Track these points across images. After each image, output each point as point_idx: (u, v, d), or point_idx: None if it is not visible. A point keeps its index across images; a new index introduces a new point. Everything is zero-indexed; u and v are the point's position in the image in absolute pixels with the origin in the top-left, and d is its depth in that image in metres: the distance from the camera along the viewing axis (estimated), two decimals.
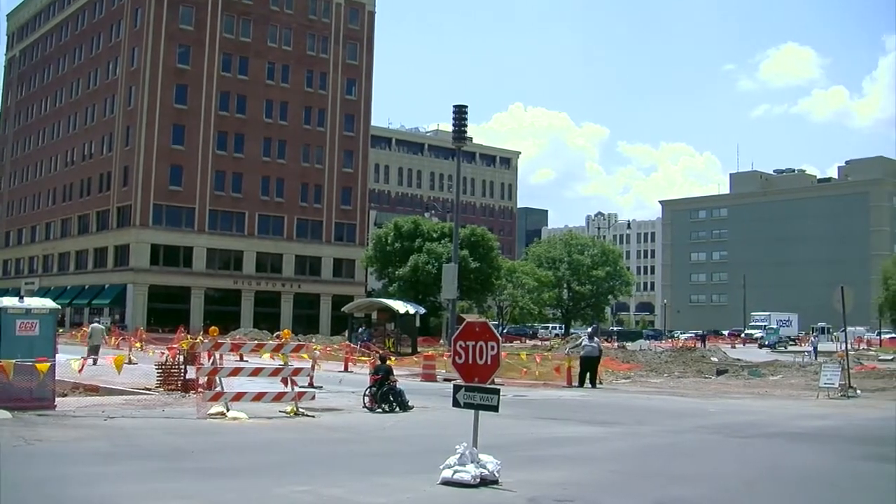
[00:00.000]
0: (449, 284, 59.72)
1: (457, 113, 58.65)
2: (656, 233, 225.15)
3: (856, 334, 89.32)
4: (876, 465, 16.67)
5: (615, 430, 22.14)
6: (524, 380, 39.77)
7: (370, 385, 25.01)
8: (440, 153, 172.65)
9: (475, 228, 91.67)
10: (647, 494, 13.25)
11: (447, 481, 13.07)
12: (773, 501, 13.09)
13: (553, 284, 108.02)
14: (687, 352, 59.94)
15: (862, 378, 41.98)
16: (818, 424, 24.14)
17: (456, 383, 14.51)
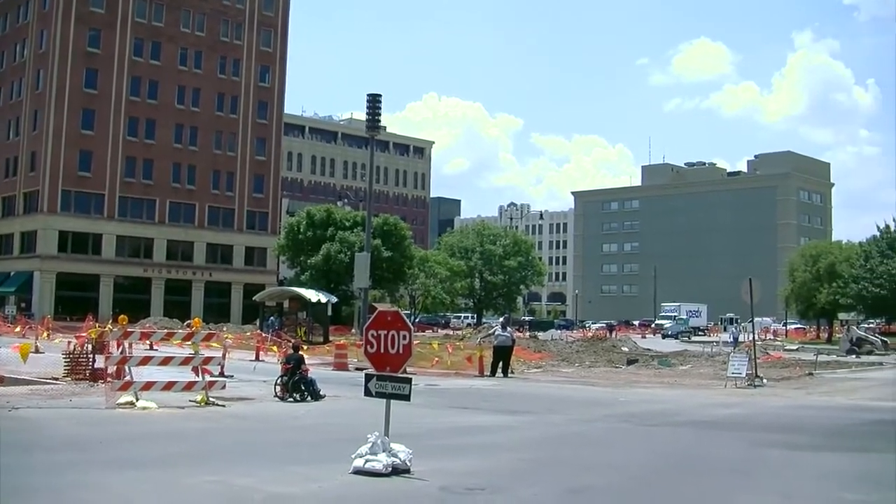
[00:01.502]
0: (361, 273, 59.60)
1: (371, 102, 58.49)
2: (568, 224, 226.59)
3: (763, 325, 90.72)
4: (782, 453, 16.95)
5: (526, 419, 22.27)
6: (436, 369, 39.83)
7: (282, 374, 24.86)
8: (354, 142, 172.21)
9: (388, 218, 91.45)
10: (558, 482, 13.34)
11: (359, 470, 13.04)
12: (682, 488, 13.25)
13: (465, 274, 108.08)
14: (598, 342, 60.47)
15: (768, 368, 42.76)
16: (726, 413, 24.52)
17: (368, 372, 14.49)
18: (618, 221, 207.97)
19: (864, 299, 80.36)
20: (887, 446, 18.19)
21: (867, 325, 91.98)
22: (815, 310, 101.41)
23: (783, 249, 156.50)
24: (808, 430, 20.67)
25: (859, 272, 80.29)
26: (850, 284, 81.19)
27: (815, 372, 42.25)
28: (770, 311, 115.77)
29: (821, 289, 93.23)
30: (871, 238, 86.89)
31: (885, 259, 77.80)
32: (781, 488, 13.18)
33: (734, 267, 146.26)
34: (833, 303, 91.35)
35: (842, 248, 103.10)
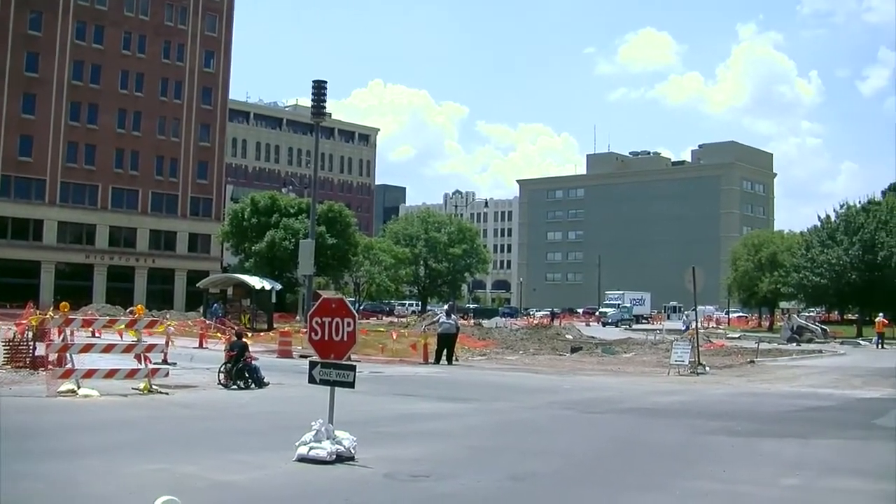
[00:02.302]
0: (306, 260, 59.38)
1: (316, 88, 58.25)
2: (513, 212, 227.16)
3: (706, 313, 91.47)
4: (723, 439, 17.14)
5: (471, 406, 22.34)
6: (381, 356, 39.83)
7: (225, 361, 24.77)
8: (299, 128, 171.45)
9: (333, 204, 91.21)
10: (502, 469, 13.40)
11: (303, 458, 13.04)
12: (624, 474, 13.35)
13: (410, 261, 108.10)
14: (542, 329, 60.72)
15: (711, 355, 43.16)
16: (669, 400, 24.72)
17: (312, 360, 14.47)
18: (562, 210, 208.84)
19: (804, 288, 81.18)
20: (825, 432, 18.42)
21: (808, 314, 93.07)
22: (757, 298, 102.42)
23: (726, 238, 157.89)
24: (749, 417, 20.88)
25: (800, 262, 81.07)
26: (792, 274, 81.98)
27: (757, 360, 42.67)
28: (713, 299, 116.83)
29: (763, 278, 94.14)
30: (812, 228, 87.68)
31: (826, 249, 78.60)
32: (721, 474, 13.32)
33: (678, 255, 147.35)
34: (775, 291, 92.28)
35: (784, 237, 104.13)
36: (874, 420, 20.88)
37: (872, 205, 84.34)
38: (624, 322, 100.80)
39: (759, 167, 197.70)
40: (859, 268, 75.74)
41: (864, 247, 76.25)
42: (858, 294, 78.12)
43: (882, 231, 77.31)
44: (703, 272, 38.20)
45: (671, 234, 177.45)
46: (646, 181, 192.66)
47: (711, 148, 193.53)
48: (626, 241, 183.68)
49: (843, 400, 25.69)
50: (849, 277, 76.00)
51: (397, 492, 11.52)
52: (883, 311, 69.14)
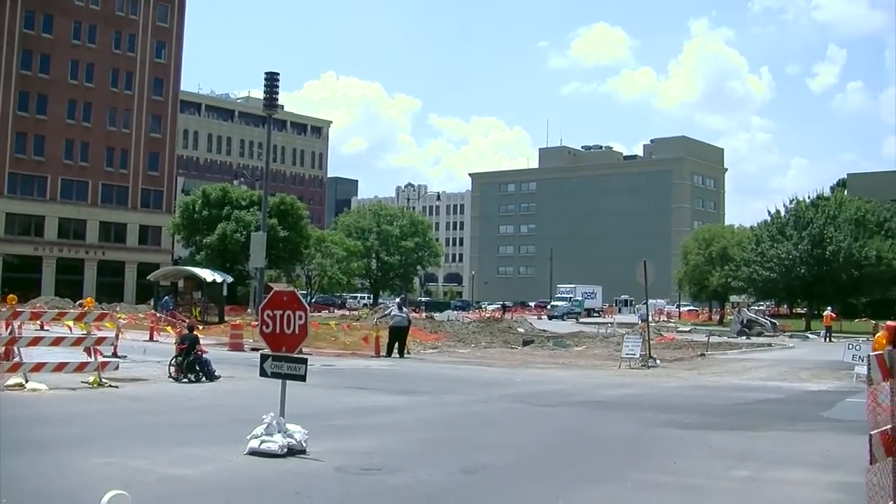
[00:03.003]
0: (257, 253, 59.27)
1: (268, 80, 58.08)
2: (465, 205, 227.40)
3: (657, 307, 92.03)
4: (674, 431, 17.24)
5: (422, 399, 22.35)
6: (332, 349, 39.83)
7: (176, 354, 24.66)
8: (251, 120, 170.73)
9: (285, 197, 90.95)
10: (454, 462, 13.40)
11: (254, 451, 12.99)
12: (576, 467, 13.39)
13: (362, 254, 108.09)
14: (494, 322, 60.85)
15: (662, 349, 43.46)
16: (620, 393, 24.84)
17: (263, 352, 14.43)
18: (514, 203, 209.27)
19: (754, 282, 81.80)
20: (774, 425, 18.58)
21: (758, 308, 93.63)
22: (708, 292, 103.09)
23: (677, 233, 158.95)
24: (699, 410, 21.03)
25: (750, 256, 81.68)
26: (742, 268, 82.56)
27: (707, 353, 43.01)
28: (664, 293, 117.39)
29: (713, 271, 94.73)
30: (762, 222, 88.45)
31: (776, 243, 79.23)
32: (672, 466, 13.40)
33: (629, 249, 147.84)
34: (725, 285, 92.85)
35: (734, 231, 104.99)
36: (822, 412, 21.06)
37: (821, 200, 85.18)
38: (570, 315, 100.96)
39: (710, 162, 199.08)
40: (808, 262, 76.45)
41: (813, 242, 76.97)
42: (807, 288, 78.84)
43: (830, 226, 78.09)
44: (654, 266, 38.39)
45: (623, 228, 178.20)
46: (598, 175, 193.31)
47: (663, 143, 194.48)
48: (578, 235, 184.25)
49: (791, 392, 25.92)
50: (798, 272, 76.68)
51: (349, 485, 11.49)
52: (831, 304, 69.88)
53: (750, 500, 11.24)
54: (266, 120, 63.87)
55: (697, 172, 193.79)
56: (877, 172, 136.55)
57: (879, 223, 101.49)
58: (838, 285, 76.92)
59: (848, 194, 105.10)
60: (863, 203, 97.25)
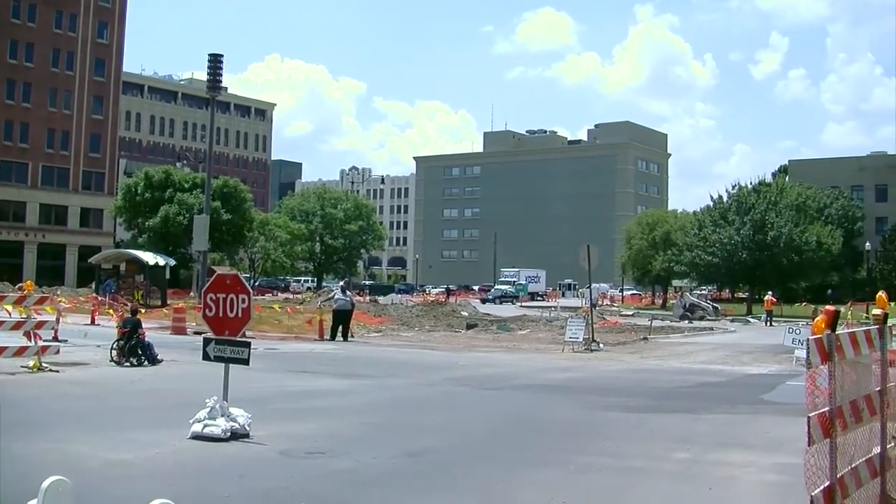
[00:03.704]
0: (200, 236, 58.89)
1: (212, 62, 57.63)
2: (410, 188, 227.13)
3: (600, 291, 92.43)
4: (616, 415, 17.37)
5: (366, 382, 22.35)
6: (276, 333, 39.76)
7: (118, 338, 24.45)
8: (194, 102, 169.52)
9: (228, 180, 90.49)
10: (398, 445, 13.43)
11: (197, 435, 12.94)
12: (519, 450, 13.44)
13: (306, 238, 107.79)
14: (438, 306, 60.96)
15: (605, 332, 43.74)
16: (563, 377, 24.96)
17: (206, 336, 14.38)
18: (459, 187, 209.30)
19: (697, 267, 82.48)
20: (715, 408, 18.76)
21: (700, 292, 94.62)
22: (651, 276, 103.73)
23: (621, 217, 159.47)
24: (642, 393, 21.20)
25: (693, 240, 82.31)
26: (685, 252, 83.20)
27: (650, 337, 43.36)
28: (607, 277, 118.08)
29: (656, 256, 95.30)
30: (704, 208, 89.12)
31: (718, 228, 79.92)
32: (614, 449, 13.50)
33: (573, 233, 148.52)
34: (668, 270, 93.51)
35: (677, 216, 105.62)
36: (762, 395, 21.31)
37: (763, 186, 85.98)
38: (506, 299, 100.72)
39: (654, 147, 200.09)
40: (750, 247, 77.20)
41: (755, 227, 77.75)
42: (748, 273, 79.61)
43: (772, 212, 78.94)
44: (598, 250, 38.60)
45: (567, 213, 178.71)
46: (542, 159, 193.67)
47: (607, 127, 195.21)
48: (522, 219, 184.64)
49: (732, 376, 26.19)
50: (740, 257, 77.41)
51: (293, 468, 11.47)
52: (772, 289, 70.71)
53: (691, 481, 11.34)
54: (210, 102, 63.37)
55: (641, 157, 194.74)
56: (817, 159, 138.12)
57: (819, 209, 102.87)
58: (779, 270, 77.78)
59: (789, 181, 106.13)
60: (803, 189, 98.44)
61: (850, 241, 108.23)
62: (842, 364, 7.80)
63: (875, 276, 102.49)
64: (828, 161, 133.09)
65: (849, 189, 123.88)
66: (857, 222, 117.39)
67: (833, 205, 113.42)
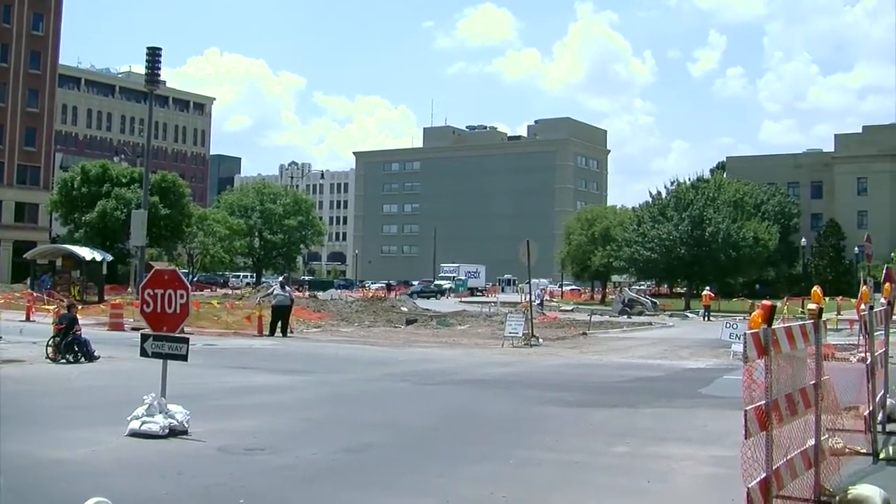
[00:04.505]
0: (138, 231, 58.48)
1: (150, 55, 57.20)
2: (350, 184, 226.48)
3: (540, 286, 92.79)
4: (556, 409, 17.43)
5: (306, 378, 22.30)
6: (215, 329, 39.55)
7: (54, 335, 24.21)
8: (132, 96, 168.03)
9: (166, 174, 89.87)
10: (337, 441, 13.40)
11: (135, 433, 12.85)
12: (459, 445, 13.47)
13: (245, 233, 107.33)
14: (378, 301, 60.85)
15: (545, 328, 43.89)
16: (503, 372, 25.04)
17: (144, 332, 14.28)
18: (398, 182, 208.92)
19: (636, 262, 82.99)
20: (654, 402, 18.89)
21: (639, 287, 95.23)
22: (590, 272, 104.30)
23: (560, 213, 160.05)
24: (581, 388, 21.30)
25: (632, 236, 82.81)
26: (624, 248, 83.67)
27: (589, 332, 43.59)
28: (547, 272, 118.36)
29: (596, 252, 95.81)
30: (643, 204, 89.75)
31: (657, 224, 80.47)
32: (554, 443, 13.56)
33: (513, 229, 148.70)
34: (607, 265, 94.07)
35: (616, 212, 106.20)
36: (700, 389, 21.47)
37: (701, 182, 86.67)
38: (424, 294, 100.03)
39: (594, 143, 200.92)
40: (688, 243, 77.80)
41: (693, 223, 78.36)
42: (687, 268, 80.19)
43: (710, 208, 79.61)
44: (538, 246, 38.68)
45: (507, 208, 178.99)
46: (482, 155, 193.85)
47: (547, 123, 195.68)
48: (462, 215, 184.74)
49: (671, 370, 26.37)
50: (678, 252, 77.98)
51: (231, 465, 11.42)
52: (709, 284, 71.36)
53: (629, 475, 11.41)
54: (148, 96, 62.87)
55: (581, 153, 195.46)
56: (754, 156, 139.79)
57: (756, 205, 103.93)
58: (717, 265, 78.48)
59: (727, 177, 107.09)
60: (741, 186, 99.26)
61: (787, 236, 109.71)
62: (778, 358, 7.89)
63: (810, 272, 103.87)
64: (765, 158, 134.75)
65: (785, 186, 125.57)
66: (792, 218, 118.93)
67: (770, 201, 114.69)
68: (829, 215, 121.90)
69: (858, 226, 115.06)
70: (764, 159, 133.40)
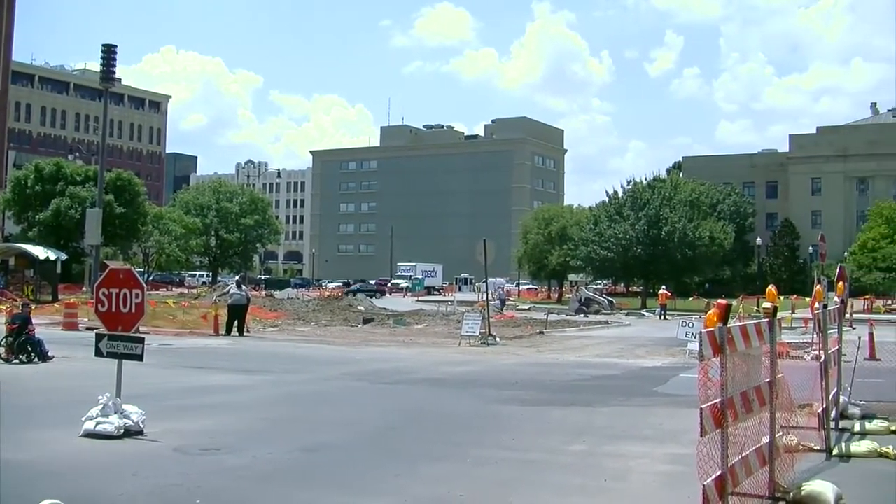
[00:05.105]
0: (93, 230, 58.12)
1: (105, 52, 56.86)
2: (306, 182, 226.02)
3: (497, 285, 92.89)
4: (513, 408, 17.45)
5: (263, 378, 22.22)
6: (171, 328, 39.29)
7: (6, 335, 23.96)
8: (87, 93, 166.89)
9: (121, 173, 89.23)
10: (294, 441, 13.36)
11: (89, 433, 12.74)
12: (416, 444, 13.47)
13: (201, 232, 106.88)
14: (334, 300, 60.73)
15: (501, 326, 43.93)
16: (460, 371, 25.04)
17: (99, 332, 14.16)
18: (355, 181, 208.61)
19: (592, 261, 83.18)
20: (610, 400, 18.95)
21: (595, 286, 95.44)
22: (547, 271, 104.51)
23: (517, 212, 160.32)
24: (538, 386, 21.34)
25: (589, 235, 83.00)
26: (580, 247, 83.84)
27: (546, 331, 43.67)
28: (504, 271, 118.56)
29: (552, 251, 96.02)
30: (600, 203, 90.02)
31: (613, 223, 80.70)
32: (511, 442, 13.57)
33: (470, 228, 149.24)
34: (564, 264, 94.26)
35: (573, 211, 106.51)
36: (656, 388, 21.57)
37: (658, 182, 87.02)
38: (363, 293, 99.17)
39: (551, 143, 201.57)
40: (644, 242, 78.08)
41: (650, 222, 78.65)
42: (643, 267, 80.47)
43: (666, 207, 79.94)
44: (495, 245, 38.78)
45: (464, 207, 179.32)
46: (439, 154, 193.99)
47: (504, 123, 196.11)
48: (420, 214, 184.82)
49: (627, 369, 26.47)
50: (634, 251, 78.22)
51: (187, 465, 11.35)
52: (665, 283, 71.71)
53: (586, 473, 11.44)
54: (103, 93, 62.49)
55: (538, 153, 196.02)
56: (710, 156, 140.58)
57: (712, 205, 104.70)
58: (673, 264, 78.85)
59: (683, 177, 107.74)
60: (697, 185, 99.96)
61: (742, 236, 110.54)
62: (733, 356, 7.94)
63: (765, 271, 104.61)
64: (721, 158, 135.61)
65: (740, 185, 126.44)
66: (748, 218, 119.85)
67: (725, 201, 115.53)
68: (784, 215, 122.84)
69: (813, 225, 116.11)
70: (720, 159, 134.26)
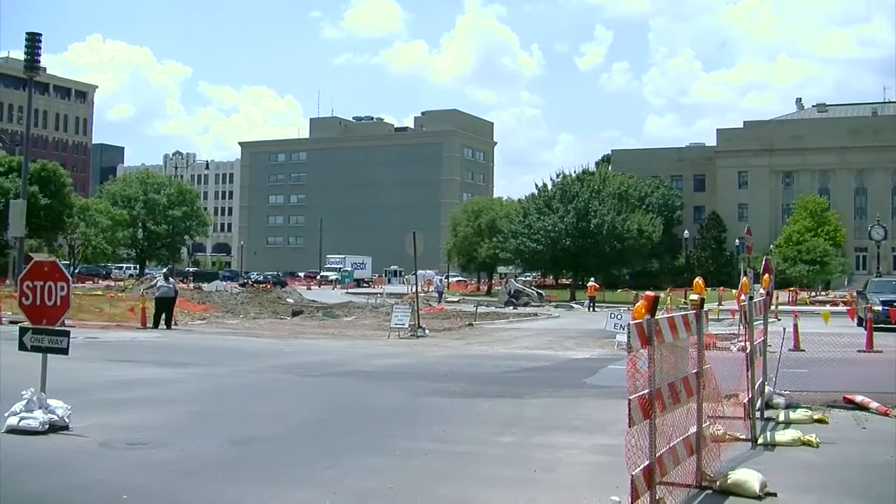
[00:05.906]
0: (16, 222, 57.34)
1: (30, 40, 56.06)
2: (235, 174, 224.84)
3: (426, 277, 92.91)
4: (442, 400, 17.44)
5: (191, 371, 22.05)
6: (97, 321, 38.94)
7: None
8: (11, 82, 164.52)
9: (46, 163, 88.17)
10: (222, 434, 13.28)
11: (13, 429, 12.57)
12: (345, 437, 13.42)
13: (128, 224, 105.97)
14: (263, 293, 60.44)
15: (431, 318, 43.99)
16: (389, 363, 25.03)
17: (23, 325, 13.99)
18: (284, 173, 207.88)
19: (522, 254, 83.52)
20: (540, 392, 19.01)
21: (525, 279, 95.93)
22: (476, 263, 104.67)
23: (447, 204, 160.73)
24: (468, 378, 21.37)
25: (518, 228, 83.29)
26: (510, 239, 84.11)
27: (476, 323, 43.84)
28: (433, 264, 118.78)
29: (482, 243, 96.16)
30: (529, 196, 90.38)
31: (542, 216, 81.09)
32: (440, 434, 13.58)
33: (400, 220, 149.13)
34: (493, 257, 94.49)
35: (502, 204, 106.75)
36: (585, 379, 21.68)
37: (587, 175, 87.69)
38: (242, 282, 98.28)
39: (480, 135, 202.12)
40: (573, 234, 78.53)
41: (579, 214, 79.14)
42: (572, 259, 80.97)
43: (595, 200, 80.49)
44: (424, 237, 38.80)
45: (393, 200, 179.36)
46: (369, 146, 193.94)
47: (434, 115, 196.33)
48: (349, 206, 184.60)
49: (556, 360, 26.59)
50: (563, 244, 78.66)
51: (113, 460, 11.24)
52: (594, 275, 72.26)
53: (516, 464, 11.47)
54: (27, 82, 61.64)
55: (467, 145, 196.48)
56: (639, 149, 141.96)
57: (641, 198, 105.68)
58: (602, 257, 79.40)
59: (612, 170, 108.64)
60: (626, 178, 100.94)
61: (670, 228, 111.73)
62: (661, 348, 8.01)
63: (693, 263, 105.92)
64: (649, 151, 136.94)
65: (669, 179, 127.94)
66: (676, 211, 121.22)
67: (654, 194, 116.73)
68: (711, 208, 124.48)
69: (739, 218, 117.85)
70: (648, 153, 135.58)
